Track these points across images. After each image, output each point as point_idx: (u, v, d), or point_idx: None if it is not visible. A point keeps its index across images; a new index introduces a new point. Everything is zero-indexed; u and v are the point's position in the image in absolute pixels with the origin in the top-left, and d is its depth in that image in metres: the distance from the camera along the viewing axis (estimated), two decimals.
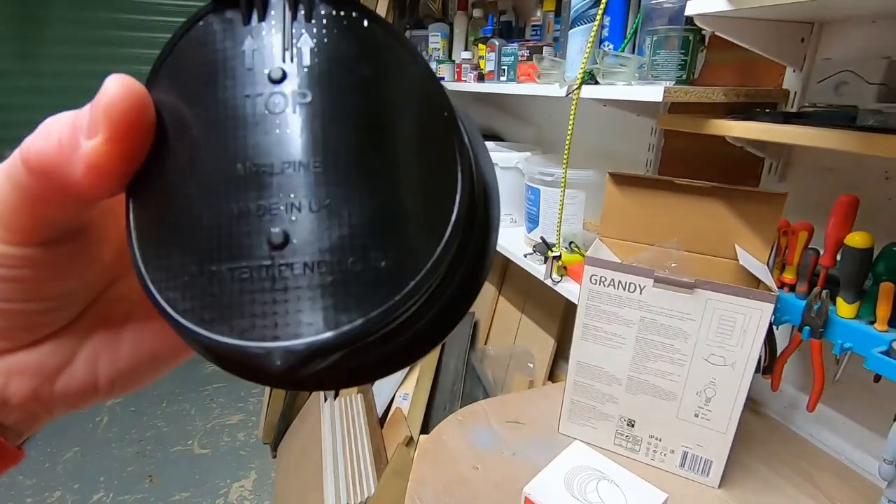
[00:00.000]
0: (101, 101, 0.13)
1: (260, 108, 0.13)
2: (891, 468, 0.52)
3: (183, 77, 0.13)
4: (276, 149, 0.13)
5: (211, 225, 0.13)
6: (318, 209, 0.13)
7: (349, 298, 0.12)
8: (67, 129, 0.13)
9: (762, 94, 0.75)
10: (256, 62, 0.13)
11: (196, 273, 0.13)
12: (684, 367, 0.65)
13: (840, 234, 0.60)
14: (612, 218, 0.78)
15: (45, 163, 0.13)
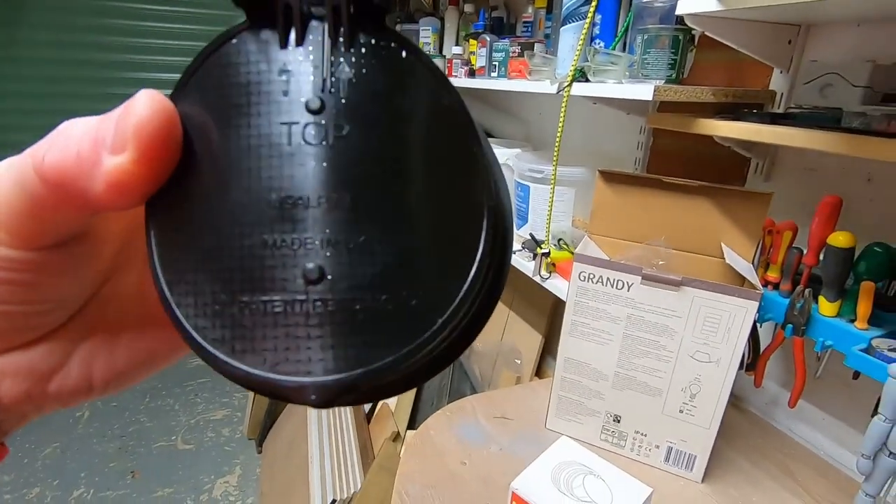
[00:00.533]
0: (129, 117, 0.12)
1: (296, 138, 0.13)
2: (868, 462, 0.53)
3: (213, 95, 0.13)
4: (312, 181, 0.13)
5: (243, 254, 0.13)
6: (354, 246, 0.13)
7: (380, 335, 0.13)
8: (88, 141, 0.13)
9: (750, 94, 0.76)
10: (293, 89, 0.13)
11: (227, 302, 0.13)
12: (670, 363, 0.66)
13: (823, 234, 0.61)
14: (602, 215, 0.78)
15: (62, 175, 0.13)
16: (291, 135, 0.13)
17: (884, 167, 0.67)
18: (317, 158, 0.13)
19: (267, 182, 0.13)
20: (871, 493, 0.54)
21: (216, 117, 0.13)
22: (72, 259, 0.16)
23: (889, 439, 0.51)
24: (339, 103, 0.13)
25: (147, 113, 0.12)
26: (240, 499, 1.74)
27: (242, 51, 0.13)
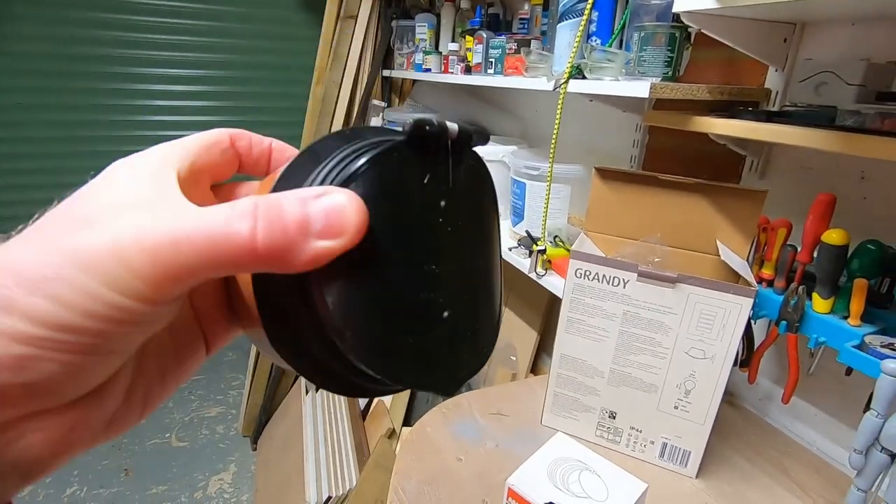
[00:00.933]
0: (343, 216, 0.15)
1: (436, 226, 0.18)
2: (860, 458, 0.53)
3: (377, 189, 0.17)
4: (446, 256, 0.19)
5: (410, 307, 0.18)
6: (468, 299, 0.20)
7: (475, 352, 0.21)
8: (296, 227, 0.15)
9: (745, 92, 0.76)
10: (431, 190, 0.18)
11: (412, 342, 0.18)
12: (665, 360, 0.66)
13: (817, 232, 0.61)
14: (598, 212, 0.78)
15: (270, 253, 0.15)
16: (434, 224, 0.18)
17: (877, 165, 0.68)
18: (450, 241, 0.19)
19: (421, 257, 0.18)
20: (862, 488, 0.54)
21: (380, 206, 0.17)
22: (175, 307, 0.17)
23: (881, 434, 0.52)
24: (459, 203, 0.19)
25: (357, 214, 0.16)
26: (234, 496, 1.73)
27: (400, 159, 0.17)
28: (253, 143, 0.21)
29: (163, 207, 0.15)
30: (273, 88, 2.44)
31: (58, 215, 0.15)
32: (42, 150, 2.20)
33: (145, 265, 0.14)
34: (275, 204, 0.15)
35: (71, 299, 0.14)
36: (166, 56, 2.19)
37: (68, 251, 0.14)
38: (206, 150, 0.19)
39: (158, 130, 2.32)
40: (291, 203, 0.15)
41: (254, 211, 0.15)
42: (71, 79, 2.10)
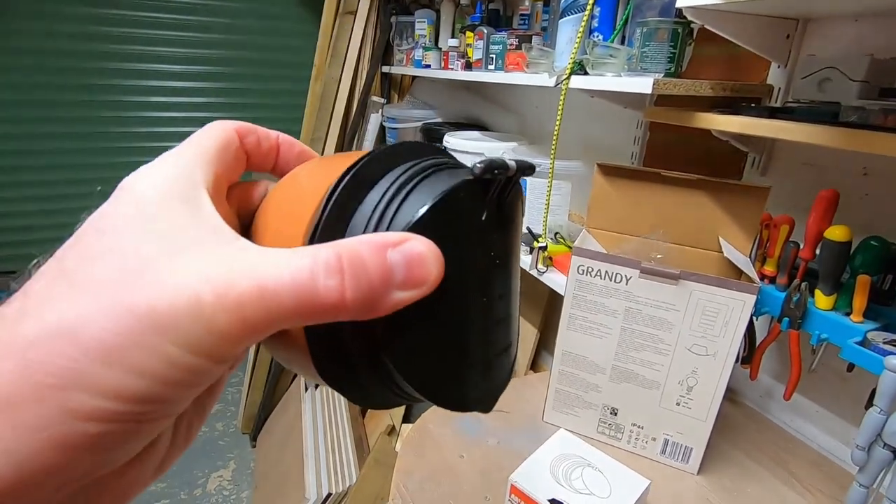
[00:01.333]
0: (421, 264, 0.15)
1: (488, 259, 0.19)
2: (863, 454, 0.53)
3: (443, 231, 0.17)
4: (495, 285, 0.20)
5: (464, 338, 0.19)
6: (508, 320, 0.21)
7: (508, 369, 0.22)
8: (380, 279, 0.15)
9: (747, 88, 0.76)
10: (487, 225, 0.19)
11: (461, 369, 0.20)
12: (668, 356, 0.66)
13: (820, 228, 0.61)
14: (599, 208, 0.78)
15: (357, 306, 0.15)
16: (490, 257, 0.19)
17: (880, 161, 0.68)
18: (500, 272, 0.20)
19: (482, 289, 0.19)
20: (864, 484, 0.54)
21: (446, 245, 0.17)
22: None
23: (884, 431, 0.52)
24: (508, 235, 0.20)
25: (438, 269, 0.16)
26: (234, 493, 1.73)
27: (467, 194, 0.18)
28: (261, 139, 0.21)
29: (224, 250, 0.15)
30: (271, 85, 2.43)
31: (95, 255, 0.14)
32: (36, 147, 2.19)
33: (230, 324, 0.13)
34: (357, 256, 0.15)
35: (152, 368, 0.13)
36: (161, 52, 2.18)
37: (141, 313, 0.13)
38: (222, 157, 0.18)
39: (154, 127, 2.31)
40: (373, 254, 0.15)
41: (339, 265, 0.14)
42: (62, 75, 2.09)
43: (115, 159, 2.32)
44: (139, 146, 2.34)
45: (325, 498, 1.35)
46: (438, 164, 0.19)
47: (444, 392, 0.19)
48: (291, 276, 0.14)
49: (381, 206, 0.17)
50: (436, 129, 1.47)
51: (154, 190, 0.16)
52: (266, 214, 0.20)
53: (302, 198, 0.18)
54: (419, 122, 1.60)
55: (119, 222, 0.15)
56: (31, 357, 0.12)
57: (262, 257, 0.14)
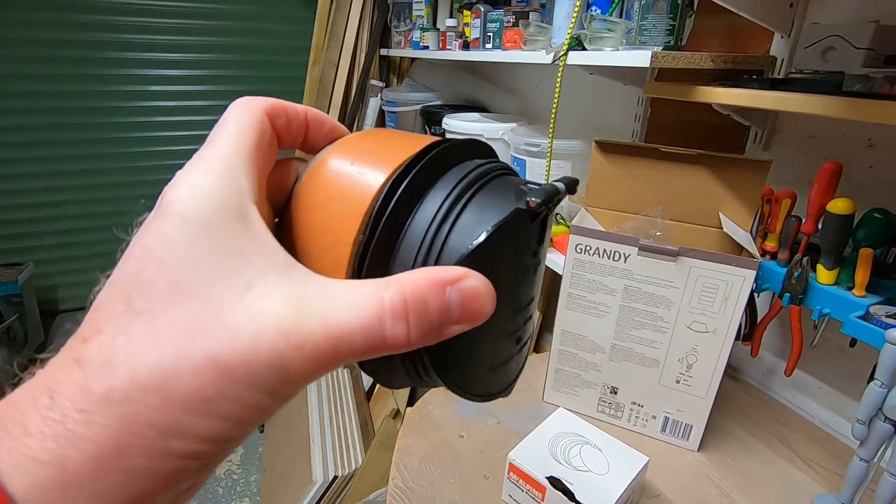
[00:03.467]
0: (476, 301, 0.16)
1: (529, 275, 0.21)
2: (863, 428, 0.53)
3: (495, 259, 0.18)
4: (531, 294, 0.21)
5: (502, 346, 0.21)
6: (533, 316, 0.22)
7: (524, 357, 0.23)
8: (438, 316, 0.16)
9: (749, 60, 0.74)
10: (532, 246, 0.20)
11: (495, 371, 0.21)
12: (667, 334, 0.66)
13: (823, 201, 0.60)
14: (598, 187, 0.77)
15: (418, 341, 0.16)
16: (528, 273, 0.21)
17: (885, 132, 0.66)
18: (534, 280, 0.21)
19: (521, 298, 0.21)
20: (865, 459, 0.54)
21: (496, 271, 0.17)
22: None
23: (885, 405, 0.51)
24: (544, 250, 0.21)
25: (490, 305, 0.17)
26: (243, 477, 1.76)
27: (517, 224, 0.18)
28: (290, 119, 0.20)
29: (288, 286, 0.15)
30: (269, 71, 2.40)
31: (162, 294, 0.14)
32: (38, 138, 2.19)
33: (304, 371, 0.14)
34: (421, 299, 0.16)
35: (236, 414, 0.14)
36: (158, 40, 2.16)
37: (223, 366, 0.14)
38: (260, 152, 0.18)
39: (153, 116, 2.30)
40: (434, 294, 0.16)
41: (405, 311, 0.15)
42: (60, 65, 2.08)
43: (112, 150, 2.32)
44: (135, 136, 2.33)
45: (331, 481, 1.37)
46: (487, 172, 0.19)
47: (472, 385, 0.20)
48: (361, 324, 0.15)
49: (432, 230, 0.17)
50: (435, 111, 1.45)
51: (204, 207, 0.15)
52: (303, 214, 0.19)
53: (344, 204, 0.18)
54: (418, 105, 1.58)
55: (176, 253, 0.15)
56: (130, 411, 0.13)
57: (329, 302, 0.15)
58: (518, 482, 0.58)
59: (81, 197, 2.33)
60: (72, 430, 0.13)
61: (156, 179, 2.39)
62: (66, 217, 2.33)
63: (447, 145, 0.19)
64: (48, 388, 0.14)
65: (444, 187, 0.18)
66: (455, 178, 0.18)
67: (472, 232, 0.17)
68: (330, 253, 0.18)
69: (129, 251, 0.15)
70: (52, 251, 2.37)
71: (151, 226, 0.15)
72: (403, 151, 0.19)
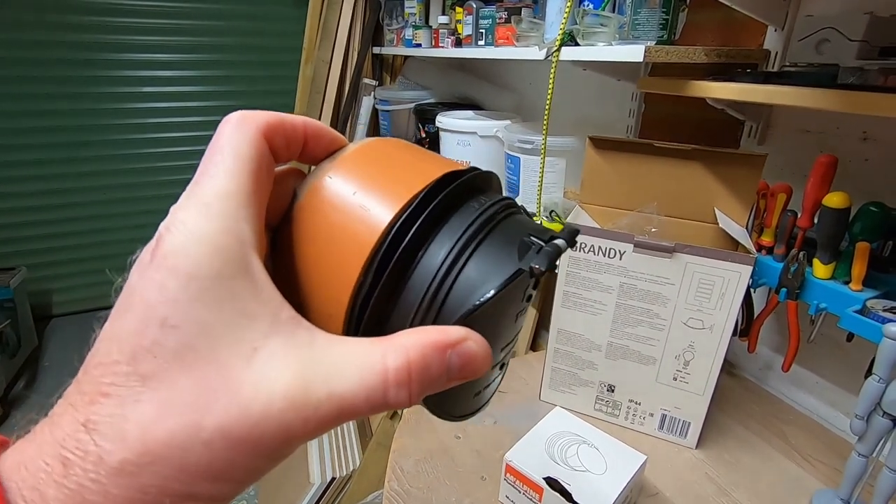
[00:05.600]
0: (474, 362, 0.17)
1: (517, 318, 0.21)
2: (862, 423, 0.53)
3: (493, 308, 0.18)
4: (517, 328, 0.22)
5: (483, 380, 0.21)
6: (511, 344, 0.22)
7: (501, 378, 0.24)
8: (438, 380, 0.16)
9: (743, 54, 0.73)
10: (526, 295, 0.21)
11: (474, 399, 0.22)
12: (663, 331, 0.65)
13: (818, 195, 0.59)
14: (592, 183, 0.77)
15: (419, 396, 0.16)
16: (517, 317, 0.21)
17: (880, 124, 0.66)
18: (520, 320, 0.22)
19: (504, 339, 0.21)
20: (863, 454, 0.54)
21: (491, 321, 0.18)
22: None
23: (883, 399, 0.51)
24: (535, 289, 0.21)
25: (486, 364, 0.17)
26: None
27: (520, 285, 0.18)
28: (288, 137, 0.19)
29: (294, 349, 0.15)
30: (262, 70, 2.39)
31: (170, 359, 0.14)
32: (29, 141, 2.17)
33: (308, 436, 0.15)
34: (425, 365, 0.16)
35: (245, 479, 0.15)
36: (149, 40, 2.14)
37: (232, 439, 0.14)
38: (260, 184, 0.17)
39: (146, 118, 2.29)
40: (437, 358, 0.16)
41: (408, 378, 0.16)
42: (53, 67, 2.06)
43: (105, 153, 2.30)
44: (128, 138, 2.31)
45: (328, 482, 1.36)
46: (493, 217, 0.19)
47: (451, 410, 0.21)
48: (366, 395, 0.15)
49: (435, 283, 0.17)
50: (429, 109, 1.44)
51: (206, 263, 0.15)
52: (302, 246, 0.18)
53: (345, 244, 0.17)
54: (412, 104, 1.57)
55: (180, 311, 0.14)
56: (146, 482, 0.14)
57: (335, 370, 0.15)
58: (515, 483, 0.57)
59: (74, 200, 2.31)
60: (89, 500, 0.13)
61: (149, 181, 2.37)
62: (58, 221, 2.31)
63: (452, 187, 0.18)
64: (60, 456, 0.14)
65: (449, 236, 0.18)
66: (460, 225, 0.18)
67: (474, 290, 0.17)
68: (331, 297, 0.17)
69: (126, 300, 0.15)
70: (44, 255, 2.35)
71: (151, 277, 0.15)
72: (407, 184, 0.18)
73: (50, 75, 2.05)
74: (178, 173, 2.37)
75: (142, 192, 2.38)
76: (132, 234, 2.39)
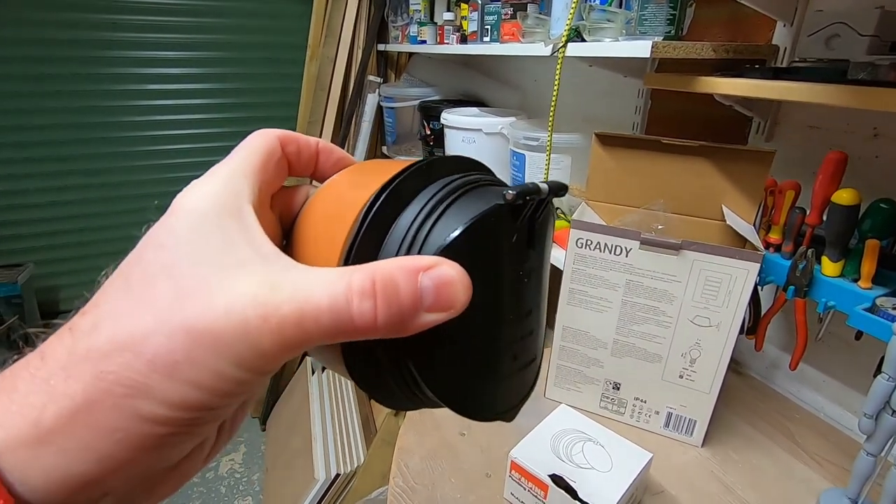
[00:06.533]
0: (450, 288, 0.16)
1: (520, 278, 0.20)
2: (870, 422, 0.52)
3: (473, 253, 0.18)
4: (523, 304, 0.21)
5: (491, 354, 0.20)
6: (534, 335, 0.22)
7: (531, 380, 0.23)
8: (409, 302, 0.16)
9: (751, 49, 0.73)
10: (519, 247, 0.20)
11: (488, 385, 0.21)
12: (669, 329, 0.65)
13: (828, 192, 0.59)
14: (598, 180, 0.76)
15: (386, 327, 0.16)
16: (519, 277, 0.20)
17: (890, 120, 0.65)
18: (528, 287, 0.21)
19: (502, 307, 0.20)
20: (872, 453, 0.53)
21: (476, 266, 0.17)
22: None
23: (892, 398, 0.50)
24: (536, 256, 0.21)
25: (466, 294, 0.16)
26: (245, 476, 1.76)
27: (497, 219, 0.18)
28: (301, 148, 0.22)
29: (268, 271, 0.16)
30: (266, 68, 2.39)
31: (156, 272, 0.15)
32: (36, 139, 2.19)
33: (272, 344, 0.15)
34: (390, 280, 0.16)
35: (204, 382, 0.14)
36: (153, 38, 2.15)
37: (194, 332, 0.14)
38: (266, 169, 0.20)
39: (151, 115, 2.29)
40: (405, 278, 0.16)
41: (372, 290, 0.15)
42: (58, 65, 2.07)
43: (111, 149, 2.31)
44: (133, 135, 2.32)
45: (333, 478, 1.37)
46: (473, 181, 0.20)
47: (467, 402, 0.20)
48: (329, 299, 0.15)
49: (413, 228, 0.18)
50: (434, 106, 1.44)
51: (204, 206, 0.17)
52: (305, 226, 0.21)
53: (339, 214, 0.19)
54: (417, 101, 1.57)
55: (174, 239, 0.16)
56: (104, 368, 0.14)
57: (302, 279, 0.16)
58: (520, 480, 0.57)
59: (81, 197, 2.32)
60: (53, 387, 0.14)
61: (155, 178, 2.38)
62: (65, 217, 2.33)
63: (435, 159, 0.20)
64: (41, 352, 0.15)
65: (428, 193, 0.19)
66: (439, 185, 0.19)
67: (451, 227, 0.18)
68: (323, 253, 0.19)
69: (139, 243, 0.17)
70: (52, 252, 2.37)
71: (160, 220, 0.17)
72: (391, 174, 0.19)
73: (56, 73, 2.06)
74: (184, 170, 2.37)
75: (149, 189, 2.39)
76: (139, 231, 2.39)
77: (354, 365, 0.19)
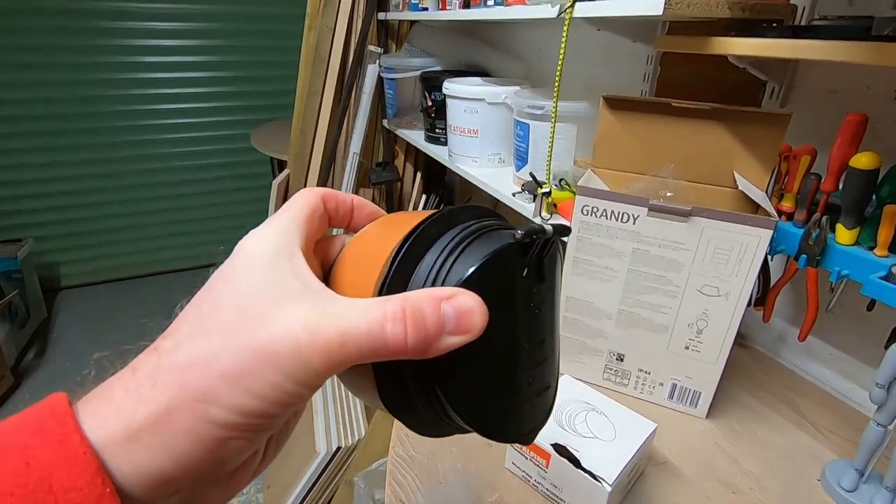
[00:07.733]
0: (469, 315, 0.19)
1: (531, 310, 0.23)
2: (882, 392, 0.51)
3: (487, 286, 0.20)
4: (535, 333, 0.23)
5: (507, 379, 0.22)
6: (547, 362, 0.24)
7: (548, 406, 0.26)
8: (434, 327, 0.19)
9: (768, 8, 0.69)
10: (527, 280, 0.22)
11: (505, 406, 0.23)
12: (676, 298, 0.63)
13: (846, 156, 0.56)
14: (606, 146, 0.74)
15: (415, 349, 0.19)
16: (531, 309, 0.23)
17: None
18: (539, 319, 0.23)
19: (521, 336, 0.22)
20: (882, 423, 0.52)
21: (490, 297, 0.20)
22: None
23: None
24: (547, 290, 0.23)
25: (483, 319, 0.19)
26: None
27: (509, 257, 0.21)
28: (339, 204, 0.26)
29: (316, 302, 0.19)
30: (264, 40, 2.33)
31: (223, 303, 0.19)
32: (36, 113, 2.15)
33: (320, 361, 0.18)
34: (418, 309, 0.19)
35: (263, 392, 0.17)
36: (151, 8, 2.09)
37: (256, 350, 0.17)
38: (311, 221, 0.23)
39: (151, 88, 2.25)
40: (431, 306, 0.19)
41: (403, 317, 0.18)
42: (59, 37, 2.03)
43: (111, 124, 2.28)
44: (134, 109, 2.28)
45: (334, 452, 1.37)
46: (487, 226, 0.22)
47: (488, 423, 0.22)
48: (367, 324, 0.18)
49: (437, 265, 0.21)
50: (435, 76, 1.40)
51: (262, 249, 0.20)
52: (344, 266, 0.24)
53: (373, 255, 0.22)
54: (418, 71, 1.53)
55: (238, 276, 0.20)
56: (184, 378, 0.17)
57: (345, 308, 0.19)
58: (522, 450, 0.56)
59: (81, 173, 2.30)
60: (142, 395, 0.17)
61: (156, 154, 2.35)
62: (65, 193, 2.31)
63: (454, 208, 0.23)
64: (132, 367, 0.18)
65: (448, 236, 0.22)
66: (458, 230, 0.22)
67: (468, 264, 0.20)
68: (360, 288, 0.21)
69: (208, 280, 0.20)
70: (52, 227, 2.36)
71: (226, 261, 0.21)
72: (421, 219, 0.22)
73: (56, 44, 2.02)
74: (185, 145, 2.34)
75: (149, 165, 2.36)
76: (139, 207, 2.38)
77: (385, 389, 0.21)
